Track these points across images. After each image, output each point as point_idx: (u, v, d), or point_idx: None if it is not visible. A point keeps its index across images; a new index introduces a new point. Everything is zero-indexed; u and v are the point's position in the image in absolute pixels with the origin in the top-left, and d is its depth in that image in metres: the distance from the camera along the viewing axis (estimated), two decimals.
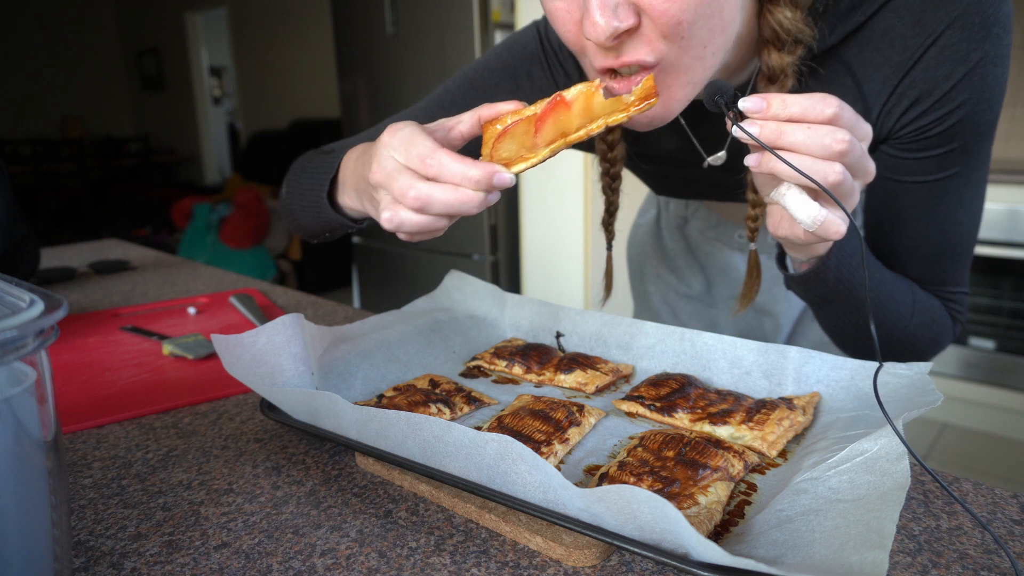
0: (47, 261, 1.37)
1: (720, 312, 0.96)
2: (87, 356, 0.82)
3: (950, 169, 0.59)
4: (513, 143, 0.49)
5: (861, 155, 0.44)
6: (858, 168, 0.45)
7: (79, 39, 6.85)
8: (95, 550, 0.46)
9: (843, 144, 0.43)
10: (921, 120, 0.57)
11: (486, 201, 0.48)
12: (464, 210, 0.48)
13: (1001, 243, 2.33)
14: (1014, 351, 2.40)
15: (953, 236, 0.62)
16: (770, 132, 0.44)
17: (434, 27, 2.65)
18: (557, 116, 0.49)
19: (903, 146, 0.59)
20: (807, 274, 0.58)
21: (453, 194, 0.47)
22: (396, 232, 0.52)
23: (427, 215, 0.49)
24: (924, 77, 0.55)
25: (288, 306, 1.03)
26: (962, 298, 0.66)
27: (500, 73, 0.73)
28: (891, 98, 0.57)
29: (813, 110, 0.43)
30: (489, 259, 2.77)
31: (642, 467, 0.48)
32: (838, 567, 0.35)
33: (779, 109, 0.44)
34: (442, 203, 0.48)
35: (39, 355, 0.32)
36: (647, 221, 1.03)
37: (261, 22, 5.68)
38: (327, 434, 0.54)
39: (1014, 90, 2.68)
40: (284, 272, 4.39)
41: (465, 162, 0.47)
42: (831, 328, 0.66)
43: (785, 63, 0.54)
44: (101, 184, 6.23)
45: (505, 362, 0.70)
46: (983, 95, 0.55)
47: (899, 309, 0.62)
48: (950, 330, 0.66)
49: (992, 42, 0.54)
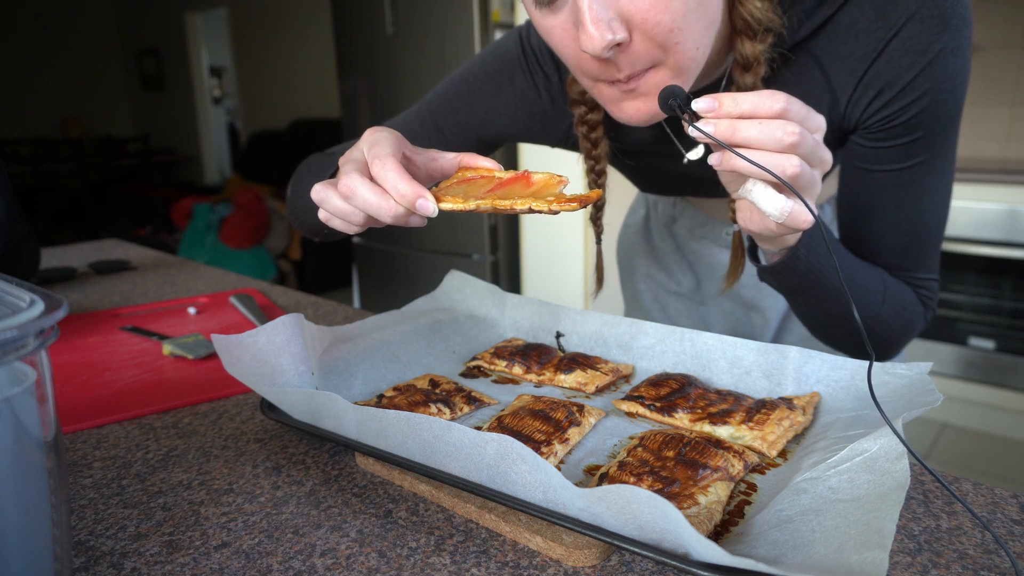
0: (47, 261, 1.37)
1: (710, 309, 0.98)
2: (87, 356, 0.82)
3: (916, 157, 0.61)
4: (465, 189, 0.53)
5: (814, 145, 0.46)
6: (813, 158, 0.47)
7: (79, 39, 6.85)
8: (95, 550, 0.46)
9: (794, 136, 0.44)
10: (886, 110, 0.59)
11: (404, 217, 0.51)
12: (379, 214, 0.51)
13: (1001, 243, 2.33)
14: (1014, 351, 2.40)
15: (921, 223, 0.64)
16: (724, 129, 0.45)
17: (434, 27, 2.65)
18: (514, 186, 0.52)
19: (870, 136, 0.62)
20: (779, 265, 0.59)
21: (375, 197, 0.51)
22: (319, 206, 0.55)
23: (348, 204, 0.53)
24: (887, 68, 0.58)
25: (288, 306, 1.03)
26: (932, 285, 0.68)
27: (483, 78, 0.75)
28: (857, 89, 0.60)
29: (763, 106, 0.45)
30: (489, 259, 2.77)
31: (642, 467, 0.48)
32: (838, 567, 0.35)
33: (731, 107, 0.45)
34: (362, 199, 0.51)
35: (39, 355, 0.32)
36: (636, 221, 1.05)
37: (261, 22, 5.68)
38: (327, 434, 0.54)
39: (1014, 90, 2.68)
40: (284, 272, 4.39)
41: (403, 177, 0.50)
42: (808, 319, 0.67)
43: (758, 51, 0.57)
44: (101, 184, 6.23)
45: (505, 362, 0.70)
46: (944, 85, 0.58)
47: (870, 297, 0.64)
48: (922, 316, 0.68)
49: (951, 34, 0.56)
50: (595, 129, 0.70)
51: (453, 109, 0.77)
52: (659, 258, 1.00)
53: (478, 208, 0.49)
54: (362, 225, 0.54)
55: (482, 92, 0.75)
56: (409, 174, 0.51)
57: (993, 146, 2.76)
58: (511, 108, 0.75)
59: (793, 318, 0.91)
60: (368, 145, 0.53)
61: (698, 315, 0.99)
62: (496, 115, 0.76)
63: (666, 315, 1.01)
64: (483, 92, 0.75)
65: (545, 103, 0.74)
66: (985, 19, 2.69)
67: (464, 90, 0.76)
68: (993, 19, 2.67)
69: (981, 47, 2.71)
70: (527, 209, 0.48)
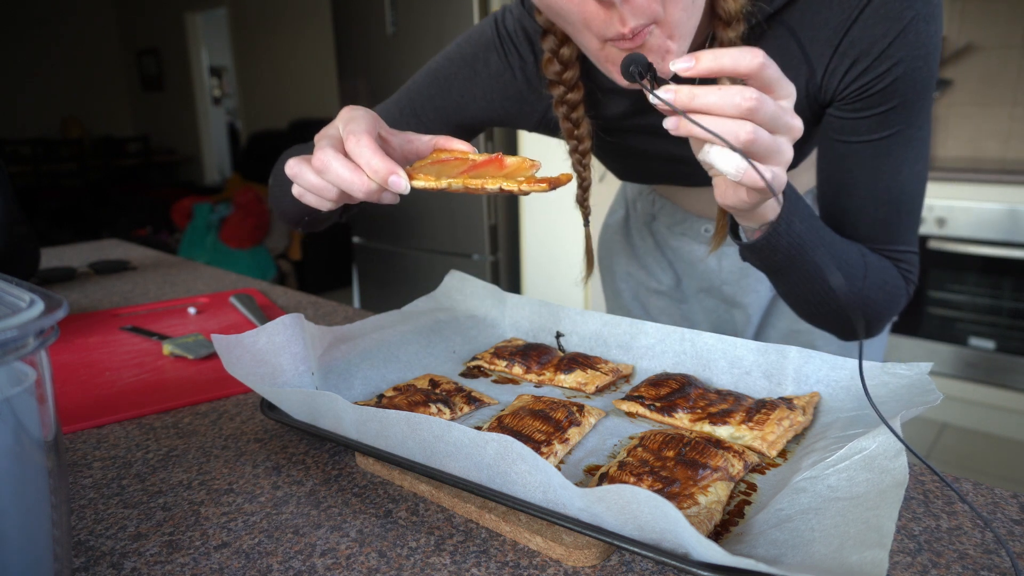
0: (47, 261, 1.37)
1: (692, 307, 0.98)
2: (87, 356, 0.82)
3: (893, 127, 0.62)
4: (439, 168, 0.54)
5: (775, 112, 0.46)
6: (777, 124, 0.47)
7: (79, 39, 6.85)
8: (95, 550, 0.46)
9: (751, 101, 0.45)
10: (862, 79, 0.60)
11: (377, 194, 0.52)
12: (352, 189, 0.52)
13: (1001, 243, 2.33)
14: (1014, 351, 2.40)
15: (900, 194, 0.65)
16: (684, 96, 0.46)
17: (434, 27, 2.65)
18: (487, 168, 0.53)
19: (847, 106, 0.63)
20: (760, 241, 0.59)
21: (348, 172, 0.52)
22: (293, 181, 0.56)
23: (321, 179, 0.54)
24: (862, 36, 0.59)
25: (288, 306, 1.03)
26: (912, 258, 0.69)
27: (459, 63, 0.76)
28: (833, 58, 0.61)
29: (743, 60, 0.45)
30: (489, 259, 2.77)
31: (642, 467, 0.48)
32: (838, 566, 0.35)
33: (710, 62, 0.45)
34: (335, 173, 0.52)
35: (39, 355, 0.32)
36: (616, 221, 1.06)
37: (261, 22, 5.67)
38: (327, 434, 0.54)
39: (1014, 90, 2.68)
40: (284, 272, 4.39)
41: (376, 153, 0.51)
42: (792, 298, 0.68)
43: (739, 5, 0.58)
44: (101, 184, 6.22)
45: (505, 362, 0.70)
46: (919, 52, 0.59)
47: (852, 270, 0.64)
48: (904, 290, 0.69)
49: (923, 1, 0.58)
50: (575, 109, 0.70)
51: (430, 95, 0.77)
52: (639, 256, 1.01)
53: (449, 187, 0.50)
54: (335, 200, 0.55)
55: (458, 76, 0.76)
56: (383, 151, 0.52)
57: (993, 146, 2.76)
58: (487, 91, 0.76)
59: (774, 314, 0.92)
60: (344, 122, 0.54)
61: (679, 312, 1.00)
62: (472, 99, 0.76)
63: (647, 313, 1.02)
64: (459, 76, 0.76)
65: (521, 84, 0.75)
66: (985, 19, 2.69)
67: (441, 76, 0.77)
68: (993, 19, 2.67)
69: (981, 47, 2.71)
70: (497, 189, 0.49)
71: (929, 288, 2.51)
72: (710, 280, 0.93)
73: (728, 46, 0.59)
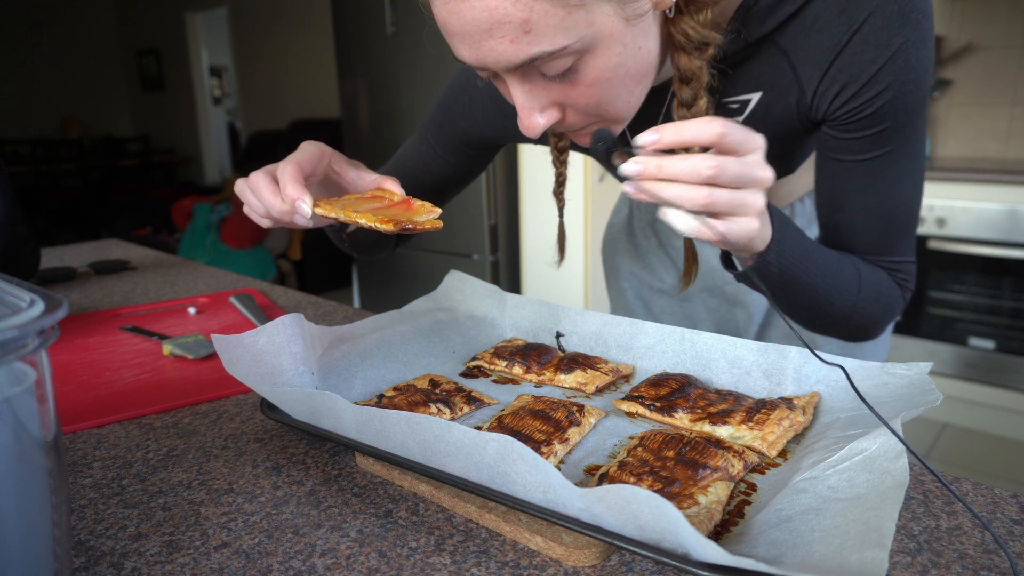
0: (47, 261, 1.37)
1: (695, 306, 0.99)
2: (87, 356, 0.82)
3: (885, 147, 0.63)
4: (353, 203, 0.63)
5: (739, 171, 0.49)
6: (742, 181, 0.50)
7: (79, 39, 6.85)
8: (95, 550, 0.46)
9: (711, 170, 0.48)
10: (852, 103, 0.61)
11: (289, 215, 0.61)
12: (270, 208, 0.62)
13: (1001, 243, 2.33)
14: (1014, 351, 2.40)
15: (894, 208, 0.66)
16: (652, 169, 0.49)
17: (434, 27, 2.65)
18: (396, 207, 0.63)
19: (839, 127, 0.63)
20: (751, 270, 0.61)
21: (268, 194, 0.62)
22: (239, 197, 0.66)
23: (251, 196, 0.64)
24: (851, 62, 0.59)
25: (288, 306, 1.03)
26: (909, 267, 0.70)
27: (456, 90, 0.81)
28: (823, 81, 0.61)
29: (703, 132, 0.48)
30: (489, 259, 2.77)
31: (642, 467, 0.48)
32: (838, 567, 0.35)
33: (672, 136, 0.49)
34: (259, 192, 0.62)
35: (39, 355, 0.32)
36: (619, 221, 1.07)
37: (261, 22, 5.67)
38: (327, 434, 0.54)
39: (1014, 90, 2.68)
40: (284, 272, 4.39)
41: (292, 180, 0.60)
42: (790, 311, 0.70)
43: (695, 66, 0.59)
44: (101, 184, 6.22)
45: (505, 362, 0.70)
46: (908, 76, 0.59)
47: (846, 285, 0.66)
48: (899, 299, 0.70)
49: (912, 28, 0.57)
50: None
51: (439, 124, 0.83)
52: (642, 256, 1.02)
53: (338, 218, 0.59)
54: (264, 217, 0.64)
55: (458, 103, 0.80)
56: (303, 181, 0.61)
57: (993, 146, 2.76)
58: (484, 112, 0.79)
59: (776, 313, 0.92)
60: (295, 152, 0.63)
61: (682, 311, 1.00)
62: (473, 122, 0.80)
63: (650, 312, 1.03)
64: (459, 103, 0.80)
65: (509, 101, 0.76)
66: (985, 19, 2.69)
67: (444, 105, 0.82)
68: (993, 19, 2.67)
69: (981, 47, 2.71)
70: (363, 223, 0.58)
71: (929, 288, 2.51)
72: (713, 279, 0.94)
73: (685, 100, 0.61)
